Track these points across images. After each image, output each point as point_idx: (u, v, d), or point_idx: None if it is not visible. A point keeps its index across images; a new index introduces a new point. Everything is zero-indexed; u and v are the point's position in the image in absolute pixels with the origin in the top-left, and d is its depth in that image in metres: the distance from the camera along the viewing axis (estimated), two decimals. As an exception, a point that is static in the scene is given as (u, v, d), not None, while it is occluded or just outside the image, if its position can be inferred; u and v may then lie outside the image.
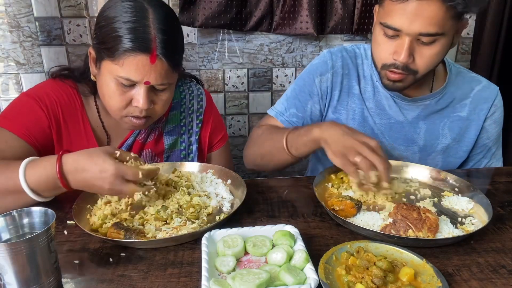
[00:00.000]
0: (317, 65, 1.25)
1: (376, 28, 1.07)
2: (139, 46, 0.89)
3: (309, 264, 0.68)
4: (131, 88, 0.95)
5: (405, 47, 0.99)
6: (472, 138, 1.23)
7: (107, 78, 0.95)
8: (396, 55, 1.02)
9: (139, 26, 0.90)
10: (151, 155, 1.15)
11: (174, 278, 0.70)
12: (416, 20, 0.95)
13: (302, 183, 1.07)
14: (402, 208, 0.83)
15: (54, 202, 0.96)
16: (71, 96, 1.07)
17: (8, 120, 0.98)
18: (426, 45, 1.00)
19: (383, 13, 1.02)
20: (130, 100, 0.96)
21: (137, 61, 0.90)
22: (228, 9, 1.75)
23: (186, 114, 1.19)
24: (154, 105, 0.99)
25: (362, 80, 1.23)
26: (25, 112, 0.99)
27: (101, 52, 0.94)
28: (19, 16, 1.68)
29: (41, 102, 1.01)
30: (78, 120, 1.07)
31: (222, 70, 1.92)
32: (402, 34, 0.99)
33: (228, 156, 1.32)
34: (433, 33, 0.97)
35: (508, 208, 0.95)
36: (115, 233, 0.78)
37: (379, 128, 1.23)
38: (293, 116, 1.23)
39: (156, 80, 0.94)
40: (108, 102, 0.98)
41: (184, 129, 1.19)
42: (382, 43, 1.05)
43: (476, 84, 1.23)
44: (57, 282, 0.67)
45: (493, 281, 0.70)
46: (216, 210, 0.92)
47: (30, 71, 1.76)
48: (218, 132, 1.26)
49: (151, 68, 0.92)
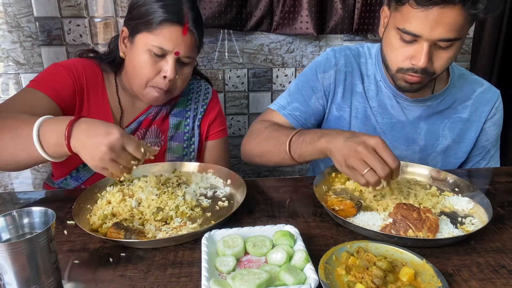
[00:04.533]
0: (320, 62, 1.26)
1: (390, 32, 1.06)
2: (174, 17, 1.05)
3: (309, 264, 0.68)
4: (161, 59, 1.08)
5: (424, 52, 0.99)
6: (472, 139, 1.24)
7: (140, 49, 1.08)
8: (415, 60, 1.01)
9: (174, 2, 1.07)
10: (157, 130, 1.25)
11: (174, 278, 0.70)
12: (437, 26, 0.95)
13: (302, 183, 1.07)
14: (402, 208, 0.83)
15: (54, 202, 0.96)
16: (95, 71, 1.19)
17: (40, 83, 1.08)
18: (444, 49, 1.01)
19: (401, 18, 1.01)
20: (159, 71, 1.09)
21: (171, 32, 1.05)
22: (228, 9, 1.75)
23: (192, 102, 1.31)
24: (177, 78, 1.11)
25: (365, 79, 1.24)
26: (55, 77, 1.11)
27: (137, 27, 1.08)
28: (19, 16, 1.68)
29: (69, 69, 1.13)
30: (98, 92, 1.18)
31: (222, 70, 1.92)
32: (421, 39, 0.99)
33: (223, 151, 1.36)
34: (452, 38, 0.97)
35: (508, 208, 0.95)
36: (115, 233, 0.78)
37: (381, 127, 1.23)
38: (296, 110, 1.23)
39: (184, 52, 1.08)
40: (138, 71, 1.09)
41: (189, 113, 1.29)
42: (398, 47, 1.04)
43: (478, 87, 1.24)
44: (57, 282, 0.67)
45: (493, 281, 0.70)
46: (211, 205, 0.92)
47: (30, 71, 1.76)
48: (217, 125, 1.33)
49: (182, 40, 1.07)
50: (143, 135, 1.23)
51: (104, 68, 1.21)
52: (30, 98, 1.04)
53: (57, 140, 0.81)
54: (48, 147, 0.83)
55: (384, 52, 1.12)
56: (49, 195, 1.04)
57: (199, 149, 1.32)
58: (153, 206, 0.88)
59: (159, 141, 1.25)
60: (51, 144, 0.83)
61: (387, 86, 1.21)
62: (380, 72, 1.22)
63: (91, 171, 1.16)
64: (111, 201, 0.91)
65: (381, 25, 1.14)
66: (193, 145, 1.30)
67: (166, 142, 1.26)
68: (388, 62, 1.10)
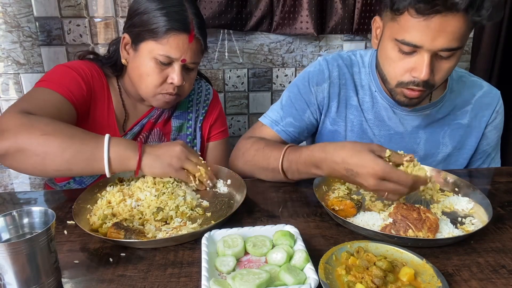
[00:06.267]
0: (312, 73, 1.20)
1: (387, 44, 1.00)
2: (181, 26, 1.05)
3: (309, 264, 0.68)
4: (167, 67, 1.09)
5: (425, 63, 0.94)
6: (473, 145, 1.21)
7: (146, 58, 1.08)
8: (416, 72, 0.96)
9: (179, 10, 1.06)
10: (159, 133, 1.26)
11: (174, 278, 0.70)
12: (439, 36, 0.90)
13: (302, 183, 1.07)
14: (402, 208, 0.83)
15: (54, 202, 0.96)
16: (100, 74, 1.18)
17: (55, 83, 1.05)
18: (445, 59, 0.96)
19: (399, 28, 0.95)
20: (166, 78, 1.10)
21: (178, 40, 1.05)
22: (228, 9, 1.75)
23: (194, 103, 1.31)
24: (184, 83, 1.12)
25: (359, 90, 1.19)
26: (68, 78, 1.09)
27: (141, 35, 1.07)
28: (19, 16, 1.68)
29: (79, 72, 1.11)
30: (104, 96, 1.18)
31: (222, 70, 1.92)
32: (421, 50, 0.94)
33: (224, 152, 1.37)
34: (455, 47, 0.93)
35: (508, 208, 0.95)
36: (115, 233, 0.78)
37: (379, 139, 1.20)
38: (289, 126, 1.18)
39: (191, 58, 1.09)
40: (145, 79, 1.10)
41: (191, 115, 1.30)
42: (397, 59, 0.99)
43: (478, 90, 1.20)
44: (57, 282, 0.67)
45: (493, 281, 0.70)
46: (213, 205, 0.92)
47: (30, 71, 1.76)
48: (218, 126, 1.34)
49: (189, 47, 1.07)
50: (146, 138, 1.22)
51: (106, 72, 1.20)
52: (53, 100, 1.02)
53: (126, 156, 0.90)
54: (114, 163, 0.90)
55: (381, 65, 1.06)
56: (49, 195, 1.04)
57: (201, 151, 1.32)
58: (153, 206, 0.88)
59: None
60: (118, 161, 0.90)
61: (382, 96, 1.16)
62: (375, 82, 1.17)
63: (94, 176, 1.16)
64: (111, 201, 0.91)
65: (374, 37, 1.08)
66: (196, 147, 1.30)
67: None
68: (387, 76, 1.04)
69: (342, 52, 1.24)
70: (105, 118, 1.17)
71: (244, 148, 1.14)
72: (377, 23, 1.05)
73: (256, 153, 1.09)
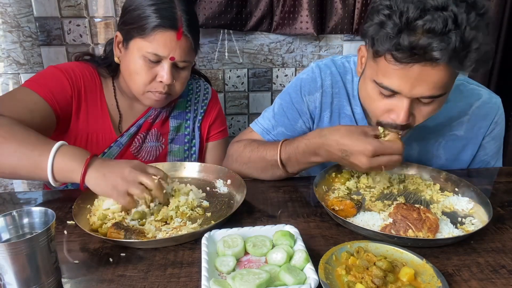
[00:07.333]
0: (305, 81, 1.15)
1: (367, 82, 0.94)
2: (167, 23, 1.03)
3: (309, 264, 0.68)
4: (157, 65, 1.07)
5: (404, 109, 0.88)
6: (468, 158, 1.17)
7: (135, 56, 1.07)
8: (394, 115, 0.91)
9: (167, 6, 1.04)
10: (157, 134, 1.24)
11: (174, 278, 0.70)
12: (419, 85, 0.84)
13: (302, 183, 1.07)
14: (402, 208, 0.83)
15: (54, 202, 0.96)
16: (93, 75, 1.17)
17: (37, 84, 1.06)
18: (426, 104, 0.90)
19: (378, 70, 0.89)
20: (155, 76, 1.08)
21: (165, 37, 1.03)
22: (228, 9, 1.75)
23: (192, 103, 1.29)
24: (175, 82, 1.10)
25: (352, 100, 1.14)
26: (52, 81, 1.09)
27: (130, 32, 1.06)
28: (19, 16, 1.68)
29: (67, 74, 1.11)
30: (96, 97, 1.17)
31: (222, 70, 1.92)
32: (400, 95, 0.88)
33: (224, 152, 1.33)
34: (436, 95, 0.87)
35: (508, 208, 0.95)
36: (115, 233, 0.78)
37: None
38: (281, 135, 1.15)
39: (180, 57, 1.07)
40: (134, 78, 1.09)
41: (189, 115, 1.28)
42: (376, 100, 0.94)
43: (475, 100, 1.13)
44: (57, 282, 0.67)
45: (493, 281, 0.70)
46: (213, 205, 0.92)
47: (30, 71, 1.76)
48: (217, 126, 1.33)
49: (177, 44, 1.05)
50: (143, 139, 1.22)
51: (101, 73, 1.19)
52: (28, 100, 1.02)
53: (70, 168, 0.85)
54: (58, 173, 0.86)
55: (362, 100, 1.03)
56: (49, 195, 1.04)
57: (200, 151, 1.31)
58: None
59: (160, 145, 1.24)
60: (61, 172, 0.86)
61: None
62: None
63: None
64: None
65: (358, 65, 1.02)
66: (194, 147, 1.29)
67: (167, 145, 1.25)
68: (368, 112, 1.02)
69: (336, 58, 1.18)
70: (99, 120, 1.16)
71: (237, 152, 1.13)
72: (362, 52, 0.99)
73: (251, 153, 1.09)
